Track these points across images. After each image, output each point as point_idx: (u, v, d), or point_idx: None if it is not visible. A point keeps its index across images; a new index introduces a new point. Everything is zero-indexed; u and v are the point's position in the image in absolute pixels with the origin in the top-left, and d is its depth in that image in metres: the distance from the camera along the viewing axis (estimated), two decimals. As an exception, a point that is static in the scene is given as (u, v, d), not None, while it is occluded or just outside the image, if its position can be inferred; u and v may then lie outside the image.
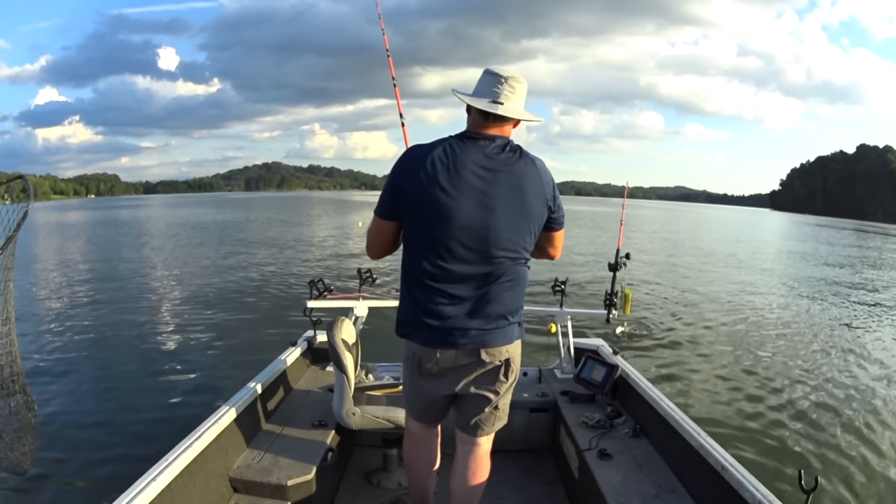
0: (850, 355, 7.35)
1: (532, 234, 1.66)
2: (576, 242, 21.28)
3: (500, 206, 1.58)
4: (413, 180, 1.58)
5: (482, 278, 1.61)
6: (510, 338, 1.68)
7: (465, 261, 1.60)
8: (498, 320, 1.65)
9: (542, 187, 1.64)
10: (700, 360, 6.52)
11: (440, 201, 1.56)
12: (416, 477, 1.99)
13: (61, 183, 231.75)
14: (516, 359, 1.73)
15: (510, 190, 1.59)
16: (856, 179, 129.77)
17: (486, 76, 1.64)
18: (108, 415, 4.27)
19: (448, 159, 1.57)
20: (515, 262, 1.64)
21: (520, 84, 1.62)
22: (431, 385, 1.74)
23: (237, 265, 12.97)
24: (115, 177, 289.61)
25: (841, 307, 11.09)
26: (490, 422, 1.79)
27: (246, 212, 46.79)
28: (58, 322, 7.22)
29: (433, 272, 1.61)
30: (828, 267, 18.32)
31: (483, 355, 1.66)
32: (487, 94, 1.60)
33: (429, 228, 1.59)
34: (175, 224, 31.12)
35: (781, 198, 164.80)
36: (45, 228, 29.52)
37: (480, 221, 1.57)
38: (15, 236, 1.69)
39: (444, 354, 1.66)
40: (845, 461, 4.04)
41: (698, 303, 10.46)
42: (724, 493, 1.73)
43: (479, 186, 1.57)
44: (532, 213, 1.63)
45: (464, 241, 1.58)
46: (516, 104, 1.62)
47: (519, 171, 1.61)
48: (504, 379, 1.72)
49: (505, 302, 1.64)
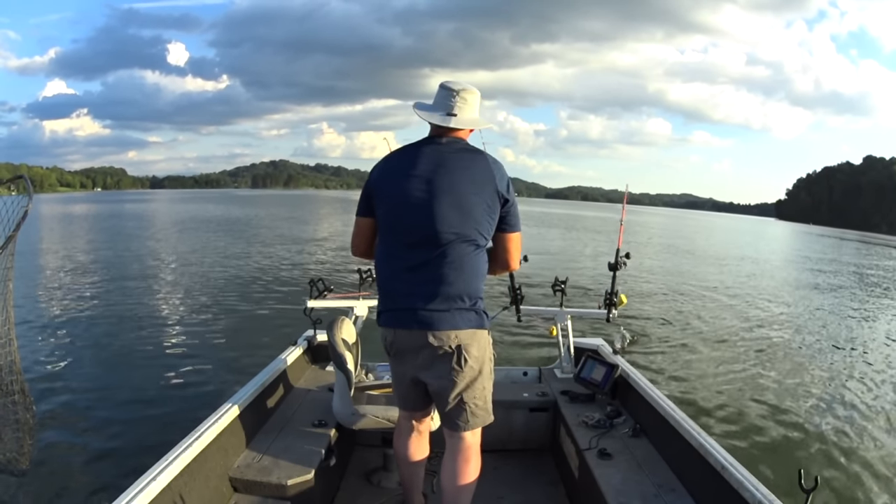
0: (850, 356, 7.36)
1: (484, 220, 1.73)
2: (581, 244, 21.31)
3: (445, 189, 1.69)
4: (379, 178, 1.79)
5: (431, 261, 1.70)
6: (459, 323, 1.71)
7: (416, 245, 1.71)
8: (446, 302, 1.70)
9: (493, 177, 1.73)
10: (700, 360, 6.53)
11: (395, 190, 1.74)
12: (402, 466, 2.06)
13: (68, 175, 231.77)
14: (472, 348, 1.74)
15: (457, 175, 1.71)
16: (861, 191, 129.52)
17: (440, 90, 1.79)
18: (108, 415, 4.26)
19: (407, 157, 1.76)
20: (466, 246, 1.71)
21: (471, 94, 1.77)
22: (399, 367, 1.86)
23: (238, 264, 12.97)
24: (121, 171, 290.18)
25: (841, 311, 11.11)
26: (463, 417, 1.80)
27: (252, 209, 46.91)
28: (57, 321, 7.21)
29: (390, 257, 1.77)
30: (828, 275, 18.35)
31: (430, 338, 1.71)
32: (443, 106, 1.77)
33: (386, 216, 1.77)
34: (179, 220, 31.13)
35: (787, 207, 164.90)
36: (50, 220, 29.60)
37: (426, 204, 1.69)
38: (15, 236, 1.69)
39: (398, 334, 1.77)
40: (845, 461, 4.04)
41: (699, 304, 10.48)
42: (724, 492, 1.73)
43: (427, 174, 1.71)
44: (482, 199, 1.71)
45: (412, 224, 1.71)
46: (468, 114, 1.78)
47: (466, 159, 1.74)
48: (458, 367, 1.74)
49: (453, 285, 1.70)
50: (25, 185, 1.75)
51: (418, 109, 1.81)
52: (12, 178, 1.79)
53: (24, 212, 1.70)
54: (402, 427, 2.02)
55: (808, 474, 1.42)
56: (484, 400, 1.83)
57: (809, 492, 1.42)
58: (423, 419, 2.00)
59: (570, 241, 25.09)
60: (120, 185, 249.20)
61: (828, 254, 28.43)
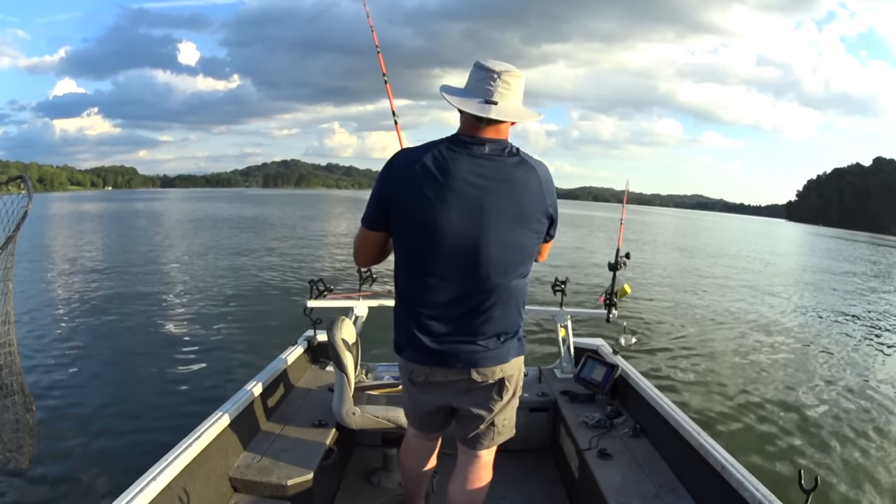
0: (851, 357, 7.36)
1: (531, 248, 1.53)
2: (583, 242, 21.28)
3: (493, 220, 1.43)
4: (400, 190, 1.45)
5: (474, 298, 1.49)
6: (504, 357, 1.57)
7: (456, 279, 1.48)
8: (491, 340, 1.54)
9: (543, 197, 1.48)
10: (700, 360, 6.52)
11: (429, 215, 1.42)
12: (408, 479, 1.99)
13: (78, 174, 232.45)
14: (514, 376, 1.63)
15: (506, 201, 1.43)
16: (871, 192, 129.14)
17: (476, 71, 1.45)
18: (108, 415, 4.26)
19: (437, 168, 1.42)
20: (512, 279, 1.51)
21: (515, 78, 1.43)
22: (425, 396, 1.69)
23: (240, 264, 12.95)
24: (132, 169, 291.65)
25: (842, 312, 11.11)
26: (489, 437, 1.71)
27: (263, 208, 46.97)
28: (58, 320, 7.21)
29: (422, 290, 1.51)
30: (833, 275, 18.36)
31: (474, 375, 1.57)
32: (479, 92, 1.42)
33: (417, 244, 1.47)
34: (188, 219, 31.16)
35: (797, 209, 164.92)
36: (55, 219, 29.64)
37: (472, 238, 1.43)
38: (15, 236, 1.69)
39: (433, 371, 1.59)
40: (845, 461, 4.04)
41: (700, 304, 10.47)
42: (724, 492, 1.73)
43: (470, 199, 1.41)
44: (531, 226, 1.48)
45: (454, 259, 1.45)
46: (512, 102, 1.44)
47: (517, 179, 1.44)
48: (498, 398, 1.63)
49: (499, 321, 1.53)
50: (25, 186, 1.75)
51: (448, 94, 1.45)
52: (12, 178, 1.79)
53: (24, 212, 1.69)
54: (411, 444, 1.90)
55: (808, 474, 1.41)
56: (511, 419, 1.73)
57: (809, 492, 1.42)
58: (435, 437, 1.89)
59: (573, 239, 25.11)
60: (131, 184, 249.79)
61: (837, 256, 28.40)
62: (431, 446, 1.90)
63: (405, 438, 1.95)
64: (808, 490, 1.42)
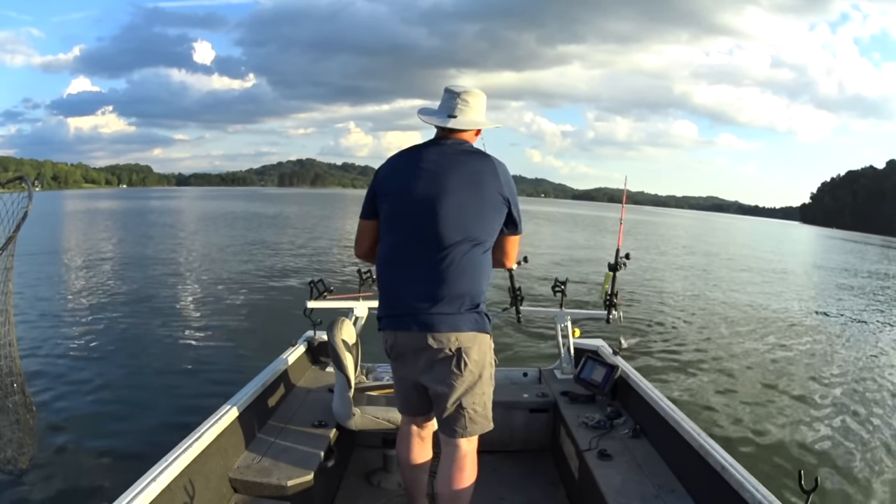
0: (850, 357, 7.36)
1: (489, 221, 1.73)
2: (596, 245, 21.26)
3: (450, 190, 1.68)
4: (383, 179, 1.80)
5: (434, 261, 1.68)
6: (459, 325, 1.69)
7: (418, 243, 1.70)
8: (447, 304, 1.68)
9: (498, 181, 1.73)
10: (701, 360, 6.52)
11: (398, 190, 1.74)
12: (405, 471, 2.04)
13: (93, 172, 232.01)
14: (472, 352, 1.71)
15: (462, 177, 1.70)
16: (885, 195, 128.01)
17: (444, 94, 1.82)
18: (108, 415, 4.26)
19: (411, 156, 1.77)
20: (470, 247, 1.69)
21: (474, 97, 1.78)
22: (400, 370, 1.85)
23: (241, 265, 12.94)
24: (147, 168, 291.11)
25: (842, 312, 11.11)
26: (460, 423, 1.77)
27: (277, 206, 46.99)
28: (58, 320, 7.20)
29: (391, 258, 1.77)
30: (837, 275, 18.36)
31: (430, 340, 1.68)
32: (446, 109, 1.79)
33: (388, 217, 1.77)
34: (198, 219, 31.27)
35: (811, 211, 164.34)
36: (61, 217, 29.69)
37: (429, 205, 1.68)
38: (15, 237, 1.69)
39: (399, 337, 1.75)
40: (845, 461, 4.04)
41: (701, 305, 10.47)
42: (724, 493, 1.73)
43: (430, 175, 1.70)
44: (486, 200, 1.71)
45: (415, 225, 1.70)
46: (470, 115, 1.78)
47: (472, 162, 1.74)
48: (458, 371, 1.71)
49: (455, 286, 1.68)
50: (26, 186, 1.75)
51: (422, 115, 1.82)
52: (12, 178, 1.79)
53: (24, 213, 1.70)
54: (403, 432, 2.00)
55: (808, 474, 1.41)
56: (483, 406, 1.79)
57: (809, 492, 1.42)
58: (426, 423, 1.97)
59: (575, 238, 25.11)
60: (145, 182, 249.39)
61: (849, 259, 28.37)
62: (421, 433, 1.98)
63: (399, 428, 2.04)
64: (808, 490, 1.42)
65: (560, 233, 28.74)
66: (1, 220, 1.69)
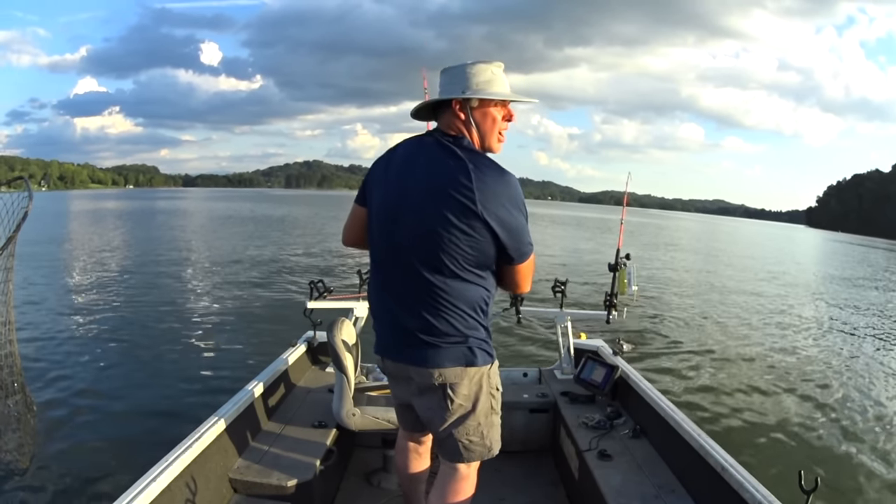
0: (850, 357, 7.35)
1: (460, 247, 1.36)
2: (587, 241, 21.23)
3: (414, 204, 1.39)
4: (371, 173, 1.59)
5: (408, 290, 1.44)
6: (442, 361, 1.45)
7: (388, 268, 1.49)
8: (428, 336, 1.44)
9: (468, 190, 1.33)
10: (701, 361, 6.52)
11: (376, 199, 1.52)
12: (403, 480, 1.98)
13: (100, 172, 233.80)
14: (460, 387, 1.48)
15: (425, 183, 1.39)
16: (890, 199, 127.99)
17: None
18: (108, 414, 4.26)
19: (394, 152, 1.53)
20: (449, 274, 1.39)
21: (453, 71, 1.49)
22: (393, 388, 1.72)
23: (241, 265, 12.95)
24: (154, 168, 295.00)
25: (843, 312, 11.11)
26: (456, 451, 1.57)
27: (284, 208, 46.88)
28: (59, 320, 7.21)
29: (372, 275, 1.59)
30: (837, 278, 18.36)
31: (412, 372, 1.50)
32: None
33: (369, 226, 1.56)
34: (204, 220, 31.30)
35: (817, 214, 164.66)
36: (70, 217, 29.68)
37: (393, 223, 1.44)
38: (15, 237, 1.69)
39: (386, 362, 1.61)
40: (845, 461, 4.04)
41: (701, 305, 10.47)
42: (725, 493, 1.73)
43: (397, 182, 1.44)
44: (447, 218, 1.34)
45: (384, 245, 1.48)
46: (440, 94, 1.49)
47: (439, 162, 1.39)
48: (446, 406, 1.49)
49: (434, 318, 1.42)
50: (26, 186, 1.76)
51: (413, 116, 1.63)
52: (12, 178, 1.79)
53: (24, 213, 1.70)
54: (401, 444, 1.92)
55: (809, 475, 1.41)
56: (480, 436, 1.57)
57: (809, 492, 1.42)
58: (423, 438, 1.87)
59: (579, 239, 25.11)
60: (152, 183, 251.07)
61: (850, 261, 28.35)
62: (418, 447, 1.89)
63: (397, 439, 1.97)
64: (808, 490, 1.42)
65: (563, 234, 28.78)
66: (1, 220, 1.70)
